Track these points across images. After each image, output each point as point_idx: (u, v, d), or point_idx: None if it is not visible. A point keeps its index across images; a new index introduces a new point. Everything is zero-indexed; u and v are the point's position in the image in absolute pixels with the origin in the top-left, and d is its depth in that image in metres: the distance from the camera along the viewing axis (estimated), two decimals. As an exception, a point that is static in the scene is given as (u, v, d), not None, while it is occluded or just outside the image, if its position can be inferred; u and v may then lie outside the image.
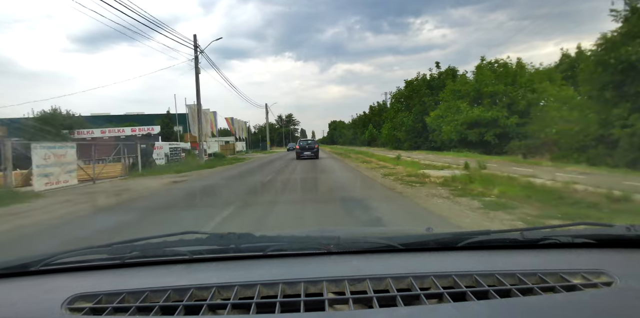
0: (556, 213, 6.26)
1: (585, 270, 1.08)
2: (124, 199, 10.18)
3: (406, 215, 6.77)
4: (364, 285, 1.04)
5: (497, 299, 0.95)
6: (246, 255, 1.26)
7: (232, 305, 0.96)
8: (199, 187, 12.58)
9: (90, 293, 1.04)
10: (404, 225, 5.95)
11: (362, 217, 6.31)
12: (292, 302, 0.97)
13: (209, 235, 1.34)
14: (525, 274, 1.07)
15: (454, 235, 1.34)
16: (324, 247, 1.26)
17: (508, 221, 5.89)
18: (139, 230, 6.06)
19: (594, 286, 1.01)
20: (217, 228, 5.66)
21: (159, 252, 1.26)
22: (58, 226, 6.84)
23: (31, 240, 5.87)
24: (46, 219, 7.51)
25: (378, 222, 5.81)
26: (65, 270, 1.23)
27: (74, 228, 6.67)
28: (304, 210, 7.39)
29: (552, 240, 1.29)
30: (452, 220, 6.03)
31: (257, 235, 1.32)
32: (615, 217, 5.75)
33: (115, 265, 1.24)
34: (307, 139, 32.38)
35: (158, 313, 0.94)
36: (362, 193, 9.40)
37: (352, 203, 7.76)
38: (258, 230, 1.55)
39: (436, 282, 1.04)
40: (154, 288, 1.04)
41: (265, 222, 6.17)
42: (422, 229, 1.49)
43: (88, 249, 1.28)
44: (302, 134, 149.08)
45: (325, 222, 6.16)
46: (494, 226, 5.42)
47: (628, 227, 1.29)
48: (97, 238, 5.37)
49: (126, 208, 8.69)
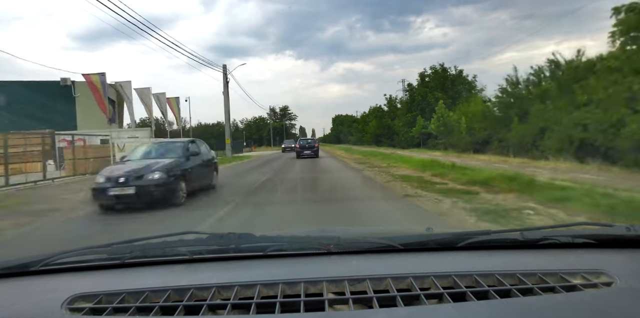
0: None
1: (585, 270, 1.08)
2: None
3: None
4: (364, 285, 1.04)
5: (497, 299, 0.95)
6: (246, 255, 1.26)
7: (232, 305, 0.96)
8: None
9: (90, 293, 1.04)
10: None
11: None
12: (292, 302, 0.97)
13: (208, 235, 1.34)
14: (525, 274, 1.07)
15: (454, 235, 1.34)
16: (324, 247, 1.26)
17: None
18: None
19: (594, 286, 1.01)
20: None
21: (159, 252, 1.26)
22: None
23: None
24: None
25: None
26: (65, 270, 1.23)
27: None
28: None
29: (552, 240, 1.29)
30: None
31: (257, 235, 1.32)
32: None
33: (115, 265, 1.24)
34: (308, 138, 33.43)
35: (158, 313, 0.94)
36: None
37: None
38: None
39: (436, 282, 1.04)
40: (154, 288, 1.04)
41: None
42: (422, 229, 1.49)
43: (88, 249, 1.28)
44: (302, 133, 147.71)
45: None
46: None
47: (628, 227, 1.29)
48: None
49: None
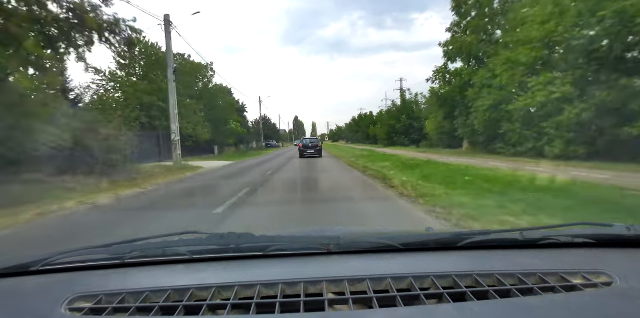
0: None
1: (585, 270, 1.08)
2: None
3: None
4: (364, 285, 1.04)
5: (497, 299, 0.95)
6: (246, 255, 1.26)
7: (232, 305, 0.96)
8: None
9: (90, 294, 1.04)
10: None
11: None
12: (292, 302, 0.97)
13: (208, 235, 1.35)
14: (525, 274, 1.07)
15: (454, 235, 1.34)
16: (324, 247, 1.26)
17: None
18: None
19: (594, 286, 1.01)
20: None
21: (159, 252, 1.26)
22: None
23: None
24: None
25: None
26: (65, 270, 1.23)
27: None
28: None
29: (552, 240, 1.29)
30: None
31: (257, 235, 1.32)
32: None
33: (115, 265, 1.24)
34: (311, 137, 33.69)
35: (158, 313, 0.94)
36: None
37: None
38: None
39: (436, 282, 1.04)
40: (154, 289, 1.04)
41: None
42: (422, 229, 1.49)
43: (88, 249, 1.29)
44: (300, 130, 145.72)
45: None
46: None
47: (628, 227, 1.29)
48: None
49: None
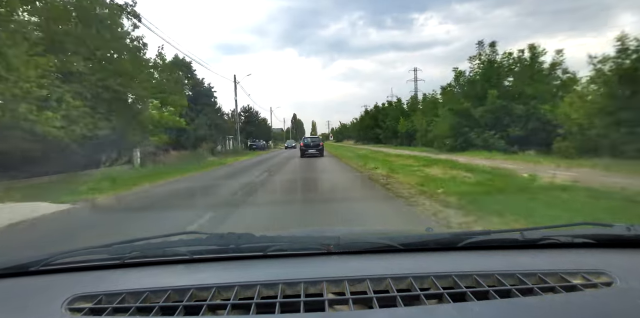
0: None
1: (585, 270, 1.08)
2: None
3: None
4: (364, 285, 1.04)
5: (497, 299, 0.95)
6: (246, 255, 1.26)
7: (232, 305, 0.95)
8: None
9: (90, 294, 1.03)
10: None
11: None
12: (292, 302, 0.97)
13: (208, 235, 1.34)
14: (525, 274, 1.07)
15: (454, 235, 1.34)
16: (324, 247, 1.26)
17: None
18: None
19: (594, 286, 1.01)
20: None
21: (159, 252, 1.26)
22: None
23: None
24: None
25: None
26: (65, 270, 1.23)
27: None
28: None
29: (552, 240, 1.29)
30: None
31: (257, 235, 1.32)
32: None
33: (115, 265, 1.24)
34: (312, 137, 33.93)
35: (158, 313, 0.94)
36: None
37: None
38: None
39: (436, 283, 1.04)
40: (154, 289, 1.04)
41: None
42: (422, 229, 1.49)
43: (88, 249, 1.28)
44: (299, 129, 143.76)
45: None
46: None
47: (628, 227, 1.29)
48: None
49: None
